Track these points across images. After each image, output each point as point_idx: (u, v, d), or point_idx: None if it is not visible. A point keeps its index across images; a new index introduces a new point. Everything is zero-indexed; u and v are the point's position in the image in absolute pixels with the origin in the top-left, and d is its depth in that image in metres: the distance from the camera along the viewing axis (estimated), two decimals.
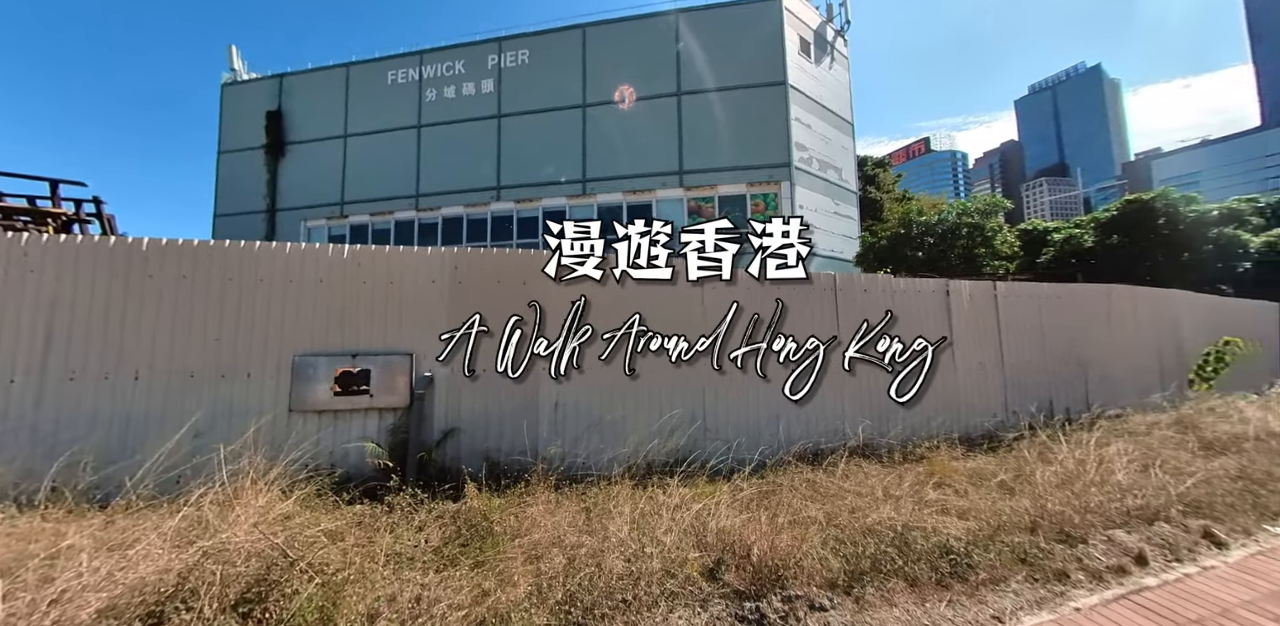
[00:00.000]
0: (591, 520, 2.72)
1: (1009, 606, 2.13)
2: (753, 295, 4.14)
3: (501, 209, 15.42)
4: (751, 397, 3.99)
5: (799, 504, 2.96)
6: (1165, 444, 4.20)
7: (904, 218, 13.05)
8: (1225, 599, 2.20)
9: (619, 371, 3.77)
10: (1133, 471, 3.40)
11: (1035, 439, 4.23)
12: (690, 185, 14.82)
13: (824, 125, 15.86)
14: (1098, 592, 2.23)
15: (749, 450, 3.70)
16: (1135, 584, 2.31)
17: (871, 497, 3.03)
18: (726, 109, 14.89)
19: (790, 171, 14.20)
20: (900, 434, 4.15)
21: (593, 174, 15.13)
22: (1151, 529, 2.78)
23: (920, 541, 2.49)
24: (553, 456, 3.41)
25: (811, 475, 3.53)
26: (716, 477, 3.43)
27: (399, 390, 3.25)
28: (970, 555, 2.41)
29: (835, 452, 3.87)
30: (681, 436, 3.74)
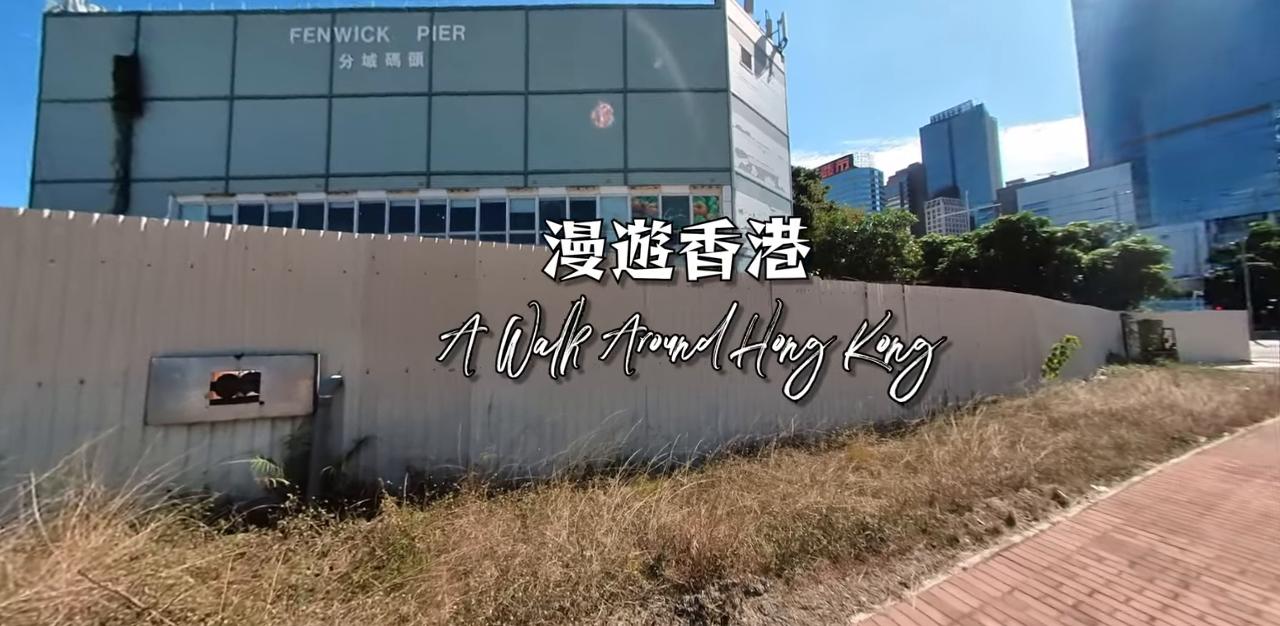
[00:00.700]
0: (528, 527, 2.59)
1: (913, 572, 2.41)
2: (702, 296, 4.25)
3: (433, 197, 14.13)
4: (693, 394, 4.10)
5: (736, 495, 3.09)
6: (1027, 423, 5.07)
7: (830, 226, 14.35)
8: (1065, 546, 2.68)
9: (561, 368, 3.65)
10: (1004, 447, 4.04)
11: (933, 424, 4.87)
12: (635, 183, 14.92)
13: (762, 135, 16.91)
14: (979, 552, 2.60)
15: (689, 445, 3.79)
16: (1006, 542, 2.74)
17: (801, 484, 3.25)
18: (671, 110, 15.23)
19: (731, 176, 14.92)
20: (826, 424, 4.53)
21: (535, 166, 14.58)
22: (1017, 494, 3.31)
23: (842, 521, 2.72)
24: (486, 462, 3.20)
25: (748, 466, 3.71)
26: (658, 474, 3.46)
27: (299, 396, 2.82)
28: (882, 530, 2.68)
29: (769, 444, 4.12)
30: (624, 435, 3.72)
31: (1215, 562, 2.50)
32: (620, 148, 15.03)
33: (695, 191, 15.21)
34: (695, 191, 15.21)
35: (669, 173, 15.01)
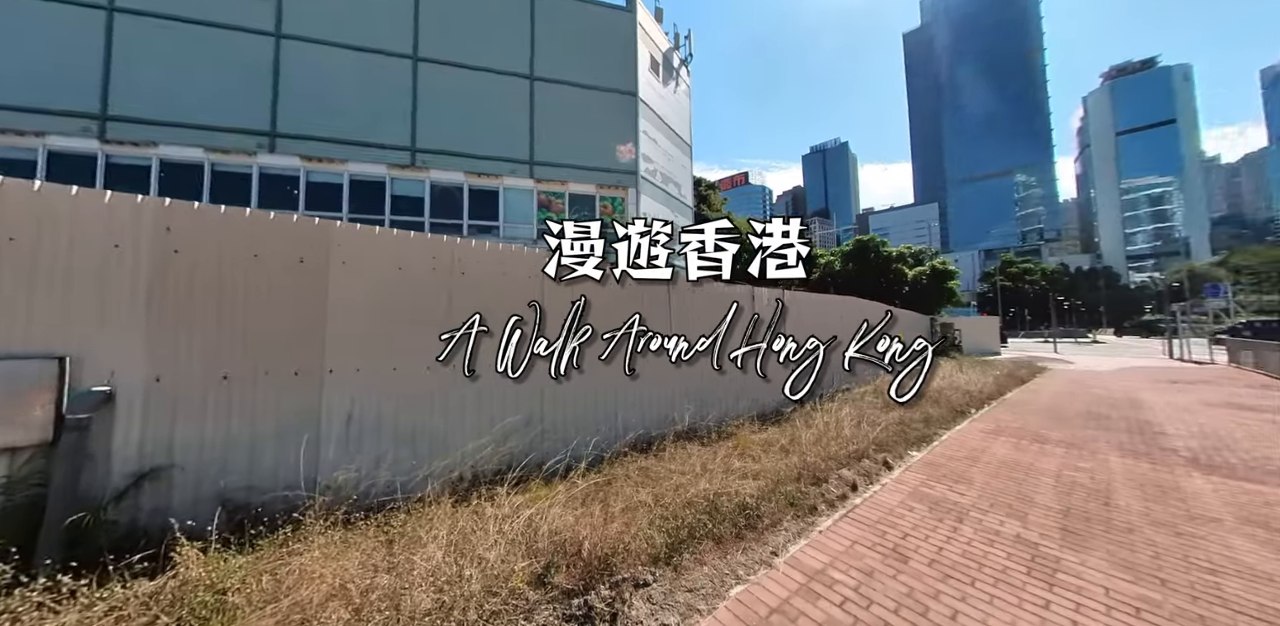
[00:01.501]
0: (395, 553, 2.24)
1: (782, 541, 2.73)
2: (603, 295, 4.24)
3: (279, 165, 11.27)
4: (591, 395, 4.07)
5: (631, 491, 3.14)
6: (870, 406, 6.23)
7: None
8: (889, 502, 3.35)
9: (449, 373, 3.28)
10: (853, 427, 4.90)
11: (804, 411, 5.66)
12: (541, 177, 14.43)
13: (668, 143, 17.84)
14: (832, 516, 3.08)
15: (586, 446, 3.74)
16: (851, 505, 3.29)
17: (692, 474, 3.46)
18: (580, 107, 15.13)
19: (637, 179, 15.41)
20: (716, 416, 4.93)
21: (427, 143, 13.03)
22: (860, 464, 4.03)
23: (726, 504, 2.97)
24: (343, 484, 2.70)
25: (645, 462, 3.82)
26: (553, 479, 3.34)
27: (26, 418, 1.99)
28: (759, 508, 2.99)
29: (665, 439, 4.31)
30: (518, 441, 3.51)
31: (977, 500, 3.38)
32: (526, 138, 14.36)
33: (602, 191, 15.31)
34: (602, 191, 15.31)
35: (576, 170, 14.85)
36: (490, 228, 13.92)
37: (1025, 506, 3.29)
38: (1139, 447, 4.94)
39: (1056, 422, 6.23)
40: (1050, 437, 5.36)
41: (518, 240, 13.93)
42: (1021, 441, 5.17)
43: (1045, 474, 4.03)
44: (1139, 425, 6.07)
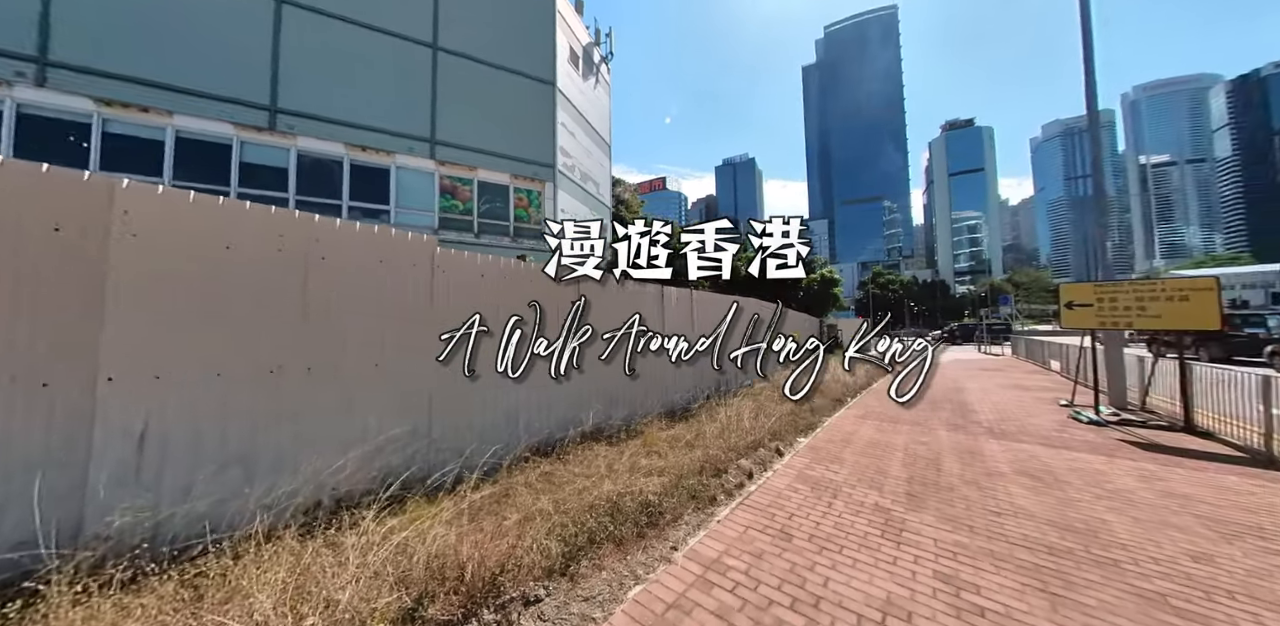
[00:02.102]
0: (202, 613, 1.75)
1: (682, 535, 2.80)
2: (503, 291, 3.94)
3: (57, 105, 8.38)
4: (490, 397, 3.76)
5: (531, 499, 2.95)
6: (768, 399, 6.87)
7: None
8: (779, 486, 3.68)
9: (302, 379, 2.71)
10: (752, 419, 5.32)
11: (710, 406, 6.00)
12: (445, 159, 13.18)
13: (587, 139, 17.71)
14: (729, 505, 3.27)
15: (481, 454, 3.43)
16: (747, 492, 3.54)
17: (597, 477, 3.39)
18: (493, 88, 14.21)
19: (555, 173, 15.00)
20: (624, 415, 4.95)
21: (292, 103, 10.96)
22: (757, 453, 4.38)
23: (629, 504, 2.95)
24: (123, 530, 2.04)
25: (549, 467, 3.64)
26: (439, 494, 2.98)
27: None
28: (661, 504, 3.04)
29: (571, 440, 4.18)
30: (397, 454, 3.06)
31: (848, 477, 3.90)
32: (427, 113, 12.97)
33: (517, 182, 14.56)
34: (517, 182, 14.56)
35: (488, 156, 13.88)
36: (378, 212, 12.24)
37: (882, 478, 3.89)
38: (959, 423, 6.24)
39: None
40: (902, 418, 6.49)
41: (417, 229, 12.48)
42: (882, 423, 6.16)
43: (897, 449, 4.84)
44: (959, 405, 7.69)
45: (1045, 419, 6.49)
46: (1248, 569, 2.50)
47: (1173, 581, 2.35)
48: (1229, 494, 3.63)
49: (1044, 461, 4.43)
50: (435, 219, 13.09)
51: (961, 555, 2.58)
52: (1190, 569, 2.48)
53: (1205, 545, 2.76)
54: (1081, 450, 4.87)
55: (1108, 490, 3.66)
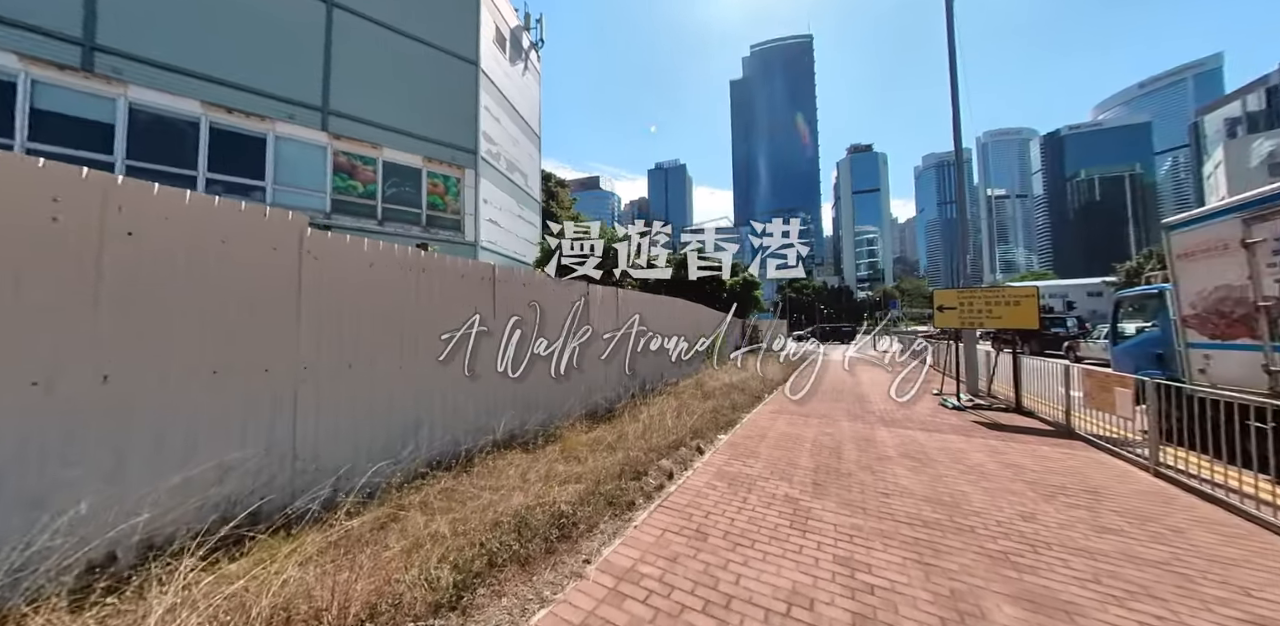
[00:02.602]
0: None
1: (596, 546, 2.66)
2: (407, 286, 3.45)
3: None
4: (382, 402, 3.26)
5: (424, 521, 2.59)
6: (691, 397, 7.05)
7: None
8: (698, 484, 3.73)
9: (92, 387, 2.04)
10: (675, 417, 5.38)
11: (634, 405, 5.96)
12: (340, 133, 11.56)
13: (514, 127, 16.83)
14: (647, 508, 3.21)
15: (365, 472, 2.95)
16: (667, 493, 3.52)
17: (506, 489, 3.11)
18: (406, 60, 12.84)
19: (477, 160, 14.00)
20: (541, 418, 4.68)
21: (119, 42, 8.72)
22: (678, 452, 4.42)
23: (539, 517, 2.73)
24: None
25: (451, 482, 3.27)
26: (303, 524, 2.48)
27: None
28: (576, 514, 2.87)
29: (481, 450, 3.82)
30: (243, 478, 2.48)
31: (763, 471, 4.10)
32: (318, 77, 11.24)
33: (432, 166, 13.30)
34: (432, 166, 13.30)
35: (397, 134, 12.47)
36: (250, 188, 10.26)
37: (792, 469, 4.16)
38: (858, 413, 7.01)
39: (814, 399, 8.32)
40: (811, 411, 7.10)
41: (305, 212, 10.68)
42: (794, 417, 6.67)
43: (806, 440, 5.25)
44: (858, 397, 8.68)
45: (922, 407, 7.59)
46: (1059, 522, 3.09)
47: (1011, 540, 2.80)
48: (1045, 461, 4.52)
49: (921, 444, 5.13)
50: (327, 201, 11.38)
51: (857, 537, 2.81)
52: (1022, 527, 2.99)
53: (1031, 505, 3.36)
54: (948, 432, 5.75)
55: (966, 465, 4.33)
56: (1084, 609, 2.13)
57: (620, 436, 4.55)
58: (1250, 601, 2.23)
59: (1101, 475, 4.12)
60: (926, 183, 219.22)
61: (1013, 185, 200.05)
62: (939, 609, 2.10)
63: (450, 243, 13.42)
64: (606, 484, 3.35)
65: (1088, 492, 3.65)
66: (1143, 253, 42.77)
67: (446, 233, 13.55)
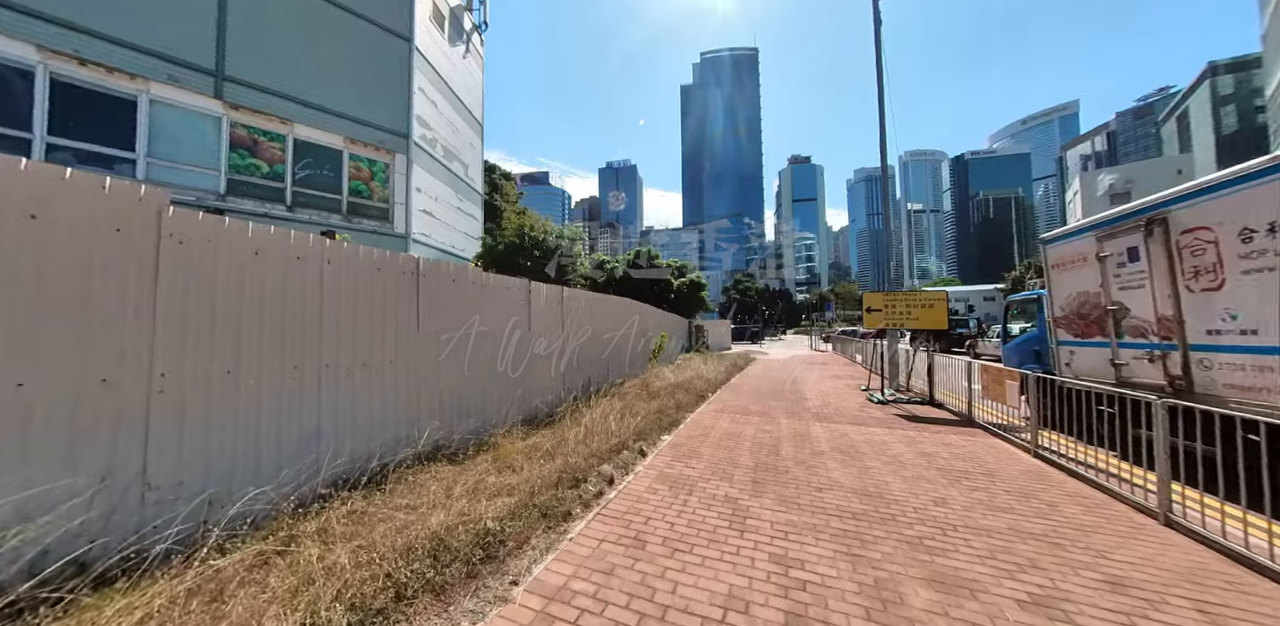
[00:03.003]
0: None
1: (526, 564, 2.48)
2: (275, 272, 2.99)
3: None
4: (269, 413, 2.80)
5: (319, 553, 2.24)
6: (636, 397, 7.01)
7: (519, 229, 15.22)
8: (639, 489, 3.66)
9: None
10: (618, 419, 5.29)
11: (576, 408, 5.78)
12: (239, 103, 10.10)
13: (453, 112, 15.81)
14: (585, 518, 3.07)
15: (244, 499, 2.51)
16: (606, 500, 3.40)
17: (426, 508, 2.81)
18: (326, 29, 11.53)
19: (409, 145, 12.94)
20: (473, 425, 4.35)
21: None
22: (620, 456, 4.32)
23: (462, 537, 2.49)
24: None
25: (361, 502, 2.89)
26: (146, 571, 2.03)
27: None
28: (504, 530, 2.66)
29: (401, 463, 3.45)
30: (64, 516, 1.98)
31: (704, 472, 4.13)
32: (210, 34, 9.72)
33: (355, 149, 12.07)
34: (355, 149, 12.07)
35: (314, 110, 11.16)
36: (114, 159, 8.58)
37: (733, 469, 4.24)
38: (795, 410, 7.40)
39: (756, 398, 8.68)
40: (753, 410, 7.37)
41: (185, 191, 9.12)
42: (736, 416, 6.87)
43: (746, 439, 5.41)
44: (795, 395, 9.18)
45: (852, 402, 8.20)
46: (964, 504, 3.43)
47: (925, 525, 3.04)
48: (952, 448, 5.05)
49: (851, 438, 5.50)
50: (221, 181, 9.87)
51: (791, 533, 2.89)
52: (935, 512, 3.27)
53: (941, 491, 3.71)
54: (873, 425, 6.23)
55: (889, 457, 4.70)
56: (984, 585, 2.34)
57: (560, 442, 4.36)
58: (1106, 563, 2.60)
59: (995, 458, 4.67)
60: (857, 195, 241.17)
61: (928, 201, 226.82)
62: (864, 599, 2.20)
63: (377, 234, 12.26)
64: (542, 494, 3.16)
65: (985, 475, 4.11)
66: (1023, 264, 50.33)
67: (372, 222, 12.36)
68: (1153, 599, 2.26)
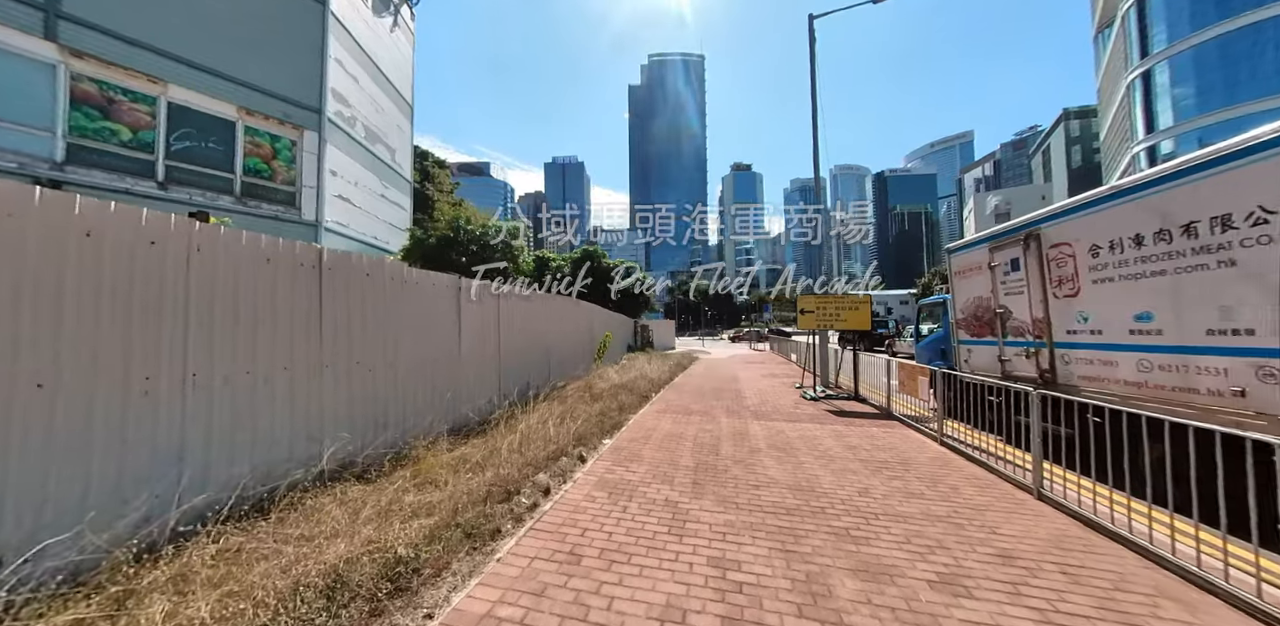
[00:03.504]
0: None
1: (444, 593, 2.23)
2: (122, 260, 2.45)
3: None
4: (100, 432, 2.26)
5: (169, 608, 1.83)
6: (579, 400, 6.82)
7: (454, 221, 14.24)
8: (577, 498, 3.52)
9: None
10: (558, 424, 5.08)
11: (512, 413, 5.47)
12: (82, 50, 8.36)
13: (377, 90, 14.42)
14: (516, 535, 2.86)
15: (66, 547, 1.99)
16: (541, 513, 3.22)
17: (325, 537, 2.44)
18: None
19: (322, 121, 11.57)
20: (391, 438, 3.93)
21: None
22: (558, 464, 4.13)
23: (366, 569, 2.19)
24: None
25: (241, 537, 2.44)
26: None
27: None
28: (420, 556, 2.39)
29: (298, 486, 2.99)
30: None
31: (645, 475, 4.09)
32: None
33: (253, 121, 10.55)
34: (253, 121, 10.55)
35: (194, 70, 9.57)
36: None
37: (674, 470, 4.24)
38: (735, 408, 7.66)
39: (698, 398, 8.87)
40: (695, 409, 7.51)
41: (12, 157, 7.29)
42: (679, 416, 6.95)
43: (688, 439, 5.47)
44: (735, 393, 9.53)
45: (787, 399, 8.68)
46: (884, 492, 3.72)
47: (851, 516, 3.25)
48: (874, 440, 5.51)
49: (786, 435, 5.79)
50: (57, 145, 8.10)
51: (729, 534, 2.93)
52: (859, 502, 3.50)
53: (864, 481, 4.00)
54: (806, 421, 6.63)
55: (819, 451, 5.01)
56: (901, 569, 2.53)
57: (492, 451, 4.07)
58: (996, 538, 2.94)
59: (909, 448, 5.16)
60: (793, 203, 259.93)
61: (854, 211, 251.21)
62: (797, 596, 2.26)
63: (278, 220, 10.79)
64: (467, 511, 2.91)
65: (900, 464, 4.52)
66: (931, 271, 57.49)
67: (274, 207, 10.87)
68: (1031, 567, 2.58)
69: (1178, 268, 3.59)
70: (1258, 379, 3.09)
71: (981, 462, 4.48)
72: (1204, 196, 3.39)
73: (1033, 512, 3.38)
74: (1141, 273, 3.88)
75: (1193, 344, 3.49)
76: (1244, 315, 3.17)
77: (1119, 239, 4.08)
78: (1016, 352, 5.45)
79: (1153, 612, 2.20)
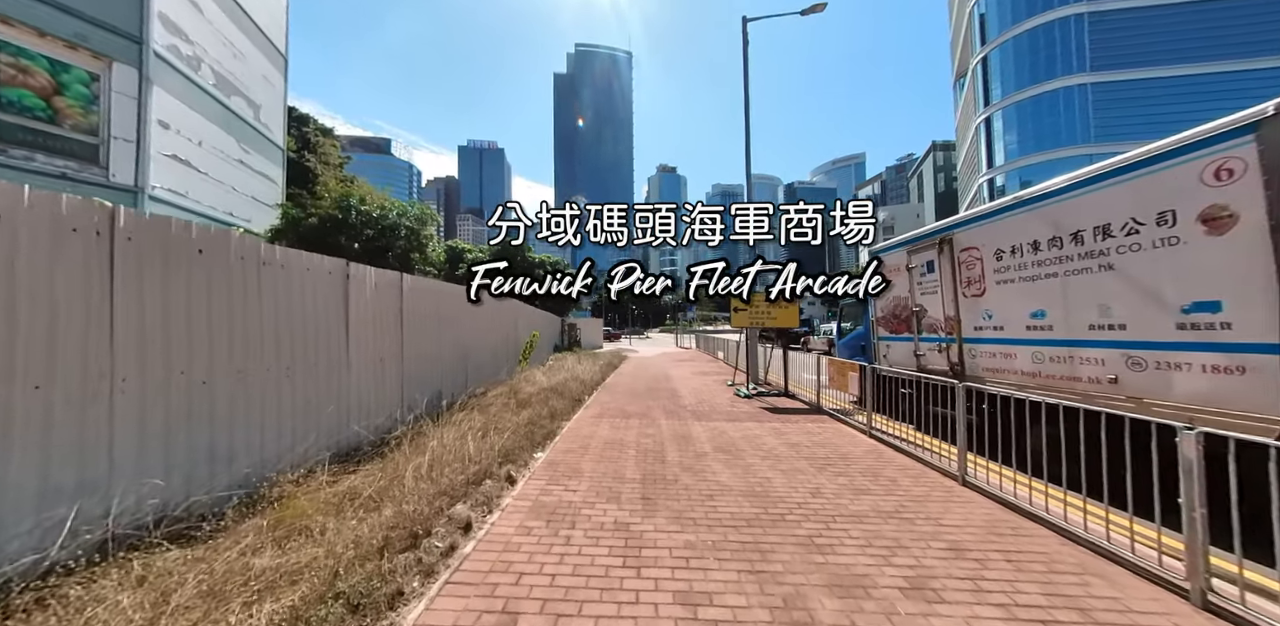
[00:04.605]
0: None
1: None
2: None
3: None
4: None
5: None
6: (502, 408, 6.06)
7: (342, 200, 12.15)
8: (506, 531, 2.93)
9: None
10: (478, 439, 4.36)
11: (420, 430, 4.59)
12: None
13: (234, 29, 11.73)
14: (427, 595, 2.22)
15: None
16: (460, 557, 2.58)
17: None
18: None
19: (144, 54, 9.00)
20: (239, 474, 2.93)
21: None
22: (481, 489, 3.47)
23: None
24: None
25: None
26: None
27: None
28: None
29: (52, 571, 1.99)
30: None
31: (589, 495, 3.61)
32: None
33: (20, 36, 7.82)
34: (20, 36, 7.82)
35: None
36: None
37: (620, 485, 3.83)
38: (673, 409, 7.48)
39: (634, 398, 8.57)
40: (632, 412, 7.17)
41: None
42: (616, 420, 6.56)
43: (630, 446, 5.10)
44: (670, 392, 9.42)
45: (722, 398, 8.77)
46: (834, 491, 3.73)
47: (811, 521, 3.14)
48: (811, 436, 5.68)
49: (730, 435, 5.71)
50: None
51: (693, 559, 2.60)
52: (815, 504, 3.44)
53: (813, 480, 3.99)
54: (745, 420, 6.67)
55: (764, 451, 4.98)
56: (873, 578, 2.42)
57: (392, 480, 3.27)
58: (943, 530, 3.04)
59: (844, 442, 5.39)
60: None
61: None
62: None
63: (70, 180, 8.16)
64: (354, 572, 2.18)
65: (841, 460, 4.65)
66: (840, 272, 65.53)
67: (63, 162, 8.19)
68: (981, 559, 2.66)
69: (1067, 270, 4.12)
70: (1128, 367, 3.62)
71: (909, 453, 4.79)
72: (1089, 208, 3.92)
73: (962, 499, 3.60)
74: (1038, 274, 4.41)
75: (1077, 338, 4.03)
76: (1118, 312, 3.70)
77: (1019, 244, 4.62)
78: (930, 348, 6.01)
79: (1087, 592, 2.34)
